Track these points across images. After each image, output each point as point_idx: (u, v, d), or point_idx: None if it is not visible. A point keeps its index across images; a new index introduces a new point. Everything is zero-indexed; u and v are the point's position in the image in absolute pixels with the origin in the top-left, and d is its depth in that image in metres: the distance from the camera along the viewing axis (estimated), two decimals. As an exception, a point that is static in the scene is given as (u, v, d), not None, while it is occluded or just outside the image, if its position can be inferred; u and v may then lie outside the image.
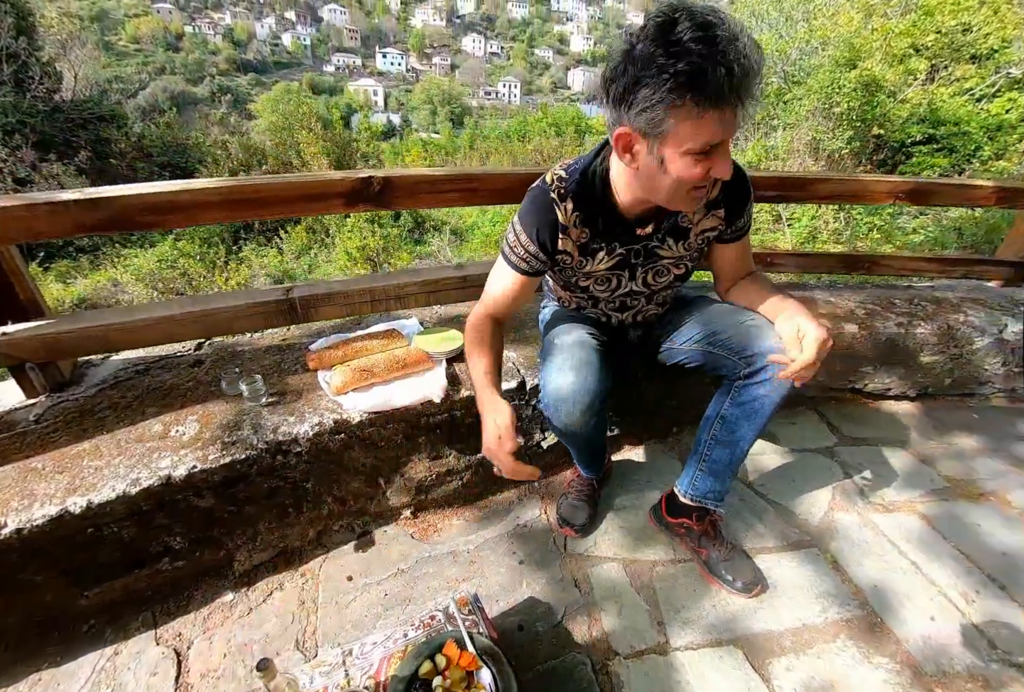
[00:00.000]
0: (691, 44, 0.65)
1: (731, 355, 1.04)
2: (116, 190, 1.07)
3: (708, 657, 1.02)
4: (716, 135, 0.74)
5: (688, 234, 1.03)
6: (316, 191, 1.17)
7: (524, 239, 1.00)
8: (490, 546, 1.26)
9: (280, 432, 1.10)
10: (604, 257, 1.03)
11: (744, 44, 0.68)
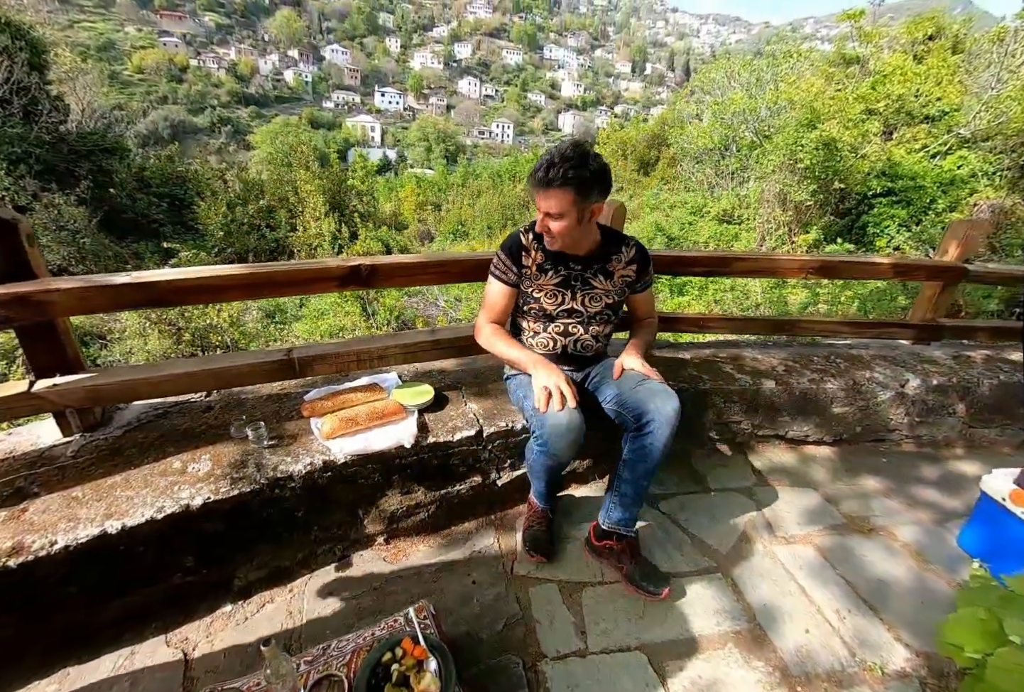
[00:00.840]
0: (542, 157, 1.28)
1: (627, 413, 1.36)
2: (157, 275, 1.35)
3: (618, 659, 1.26)
4: (539, 210, 1.32)
5: (613, 276, 1.50)
6: (316, 276, 1.47)
7: (503, 257, 1.47)
8: (449, 568, 1.50)
9: (279, 470, 1.35)
10: (552, 275, 1.47)
11: (554, 162, 1.23)
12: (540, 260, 1.46)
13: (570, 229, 1.33)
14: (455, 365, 2.02)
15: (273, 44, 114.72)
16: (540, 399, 1.30)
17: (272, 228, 11.68)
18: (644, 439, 1.34)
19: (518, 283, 1.50)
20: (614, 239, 1.52)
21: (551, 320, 1.52)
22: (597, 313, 1.52)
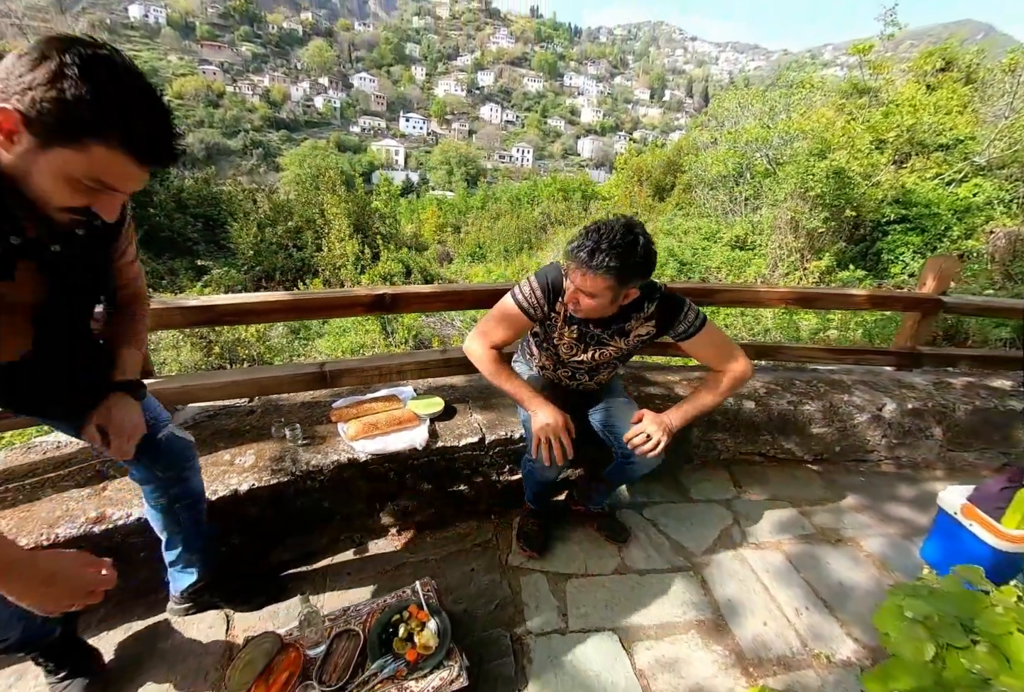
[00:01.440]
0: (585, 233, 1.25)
1: (616, 441, 1.57)
2: (219, 299, 1.65)
3: (593, 638, 1.46)
4: (573, 283, 1.28)
5: (628, 335, 1.49)
6: (348, 303, 1.75)
7: (539, 293, 1.42)
8: (451, 557, 1.71)
9: (311, 464, 1.60)
10: (576, 329, 1.48)
11: (602, 249, 1.20)
12: (566, 315, 1.45)
13: (600, 309, 1.32)
14: (463, 381, 2.27)
15: (305, 72, 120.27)
16: (534, 447, 1.37)
17: (299, 248, 12.31)
18: (628, 469, 1.61)
19: (541, 321, 1.49)
20: (639, 300, 1.41)
21: (562, 365, 1.60)
22: (604, 363, 1.58)
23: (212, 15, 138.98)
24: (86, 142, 0.68)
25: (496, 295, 1.81)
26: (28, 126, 0.67)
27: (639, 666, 1.39)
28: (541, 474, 1.60)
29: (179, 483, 1.23)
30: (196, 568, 1.34)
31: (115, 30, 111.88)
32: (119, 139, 0.70)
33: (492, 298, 1.88)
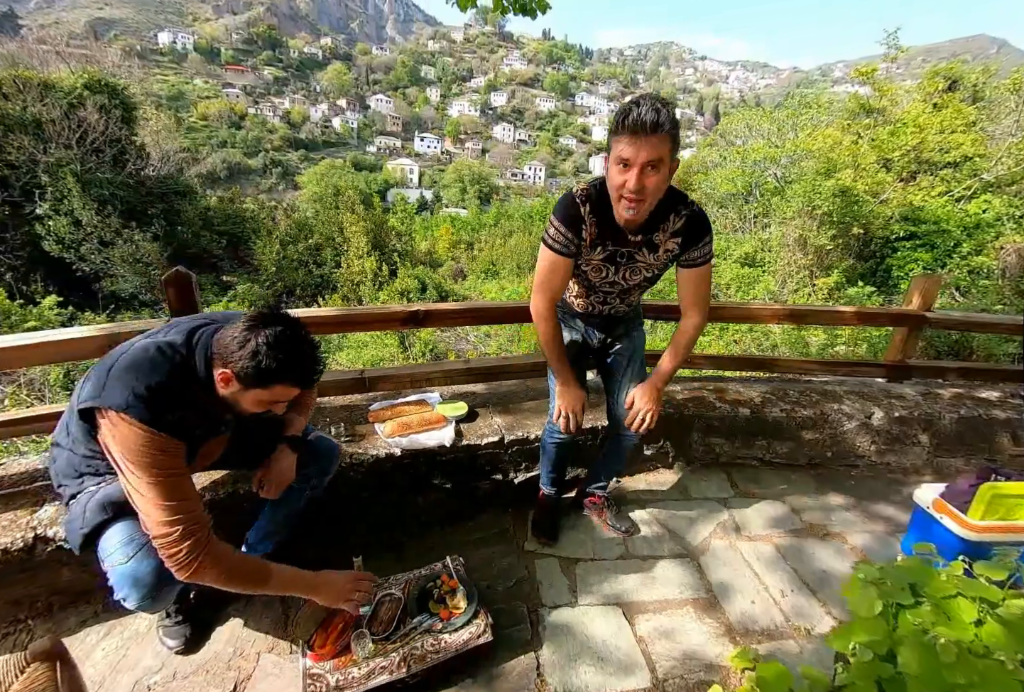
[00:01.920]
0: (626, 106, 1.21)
1: (612, 419, 1.81)
2: (279, 314, 1.92)
3: (599, 610, 1.67)
4: (625, 152, 1.20)
5: (657, 249, 1.47)
6: (386, 318, 2.03)
7: (563, 229, 1.40)
8: (474, 544, 1.94)
9: (354, 457, 1.85)
10: (600, 251, 1.46)
11: (652, 107, 1.16)
12: (594, 235, 1.42)
13: (663, 184, 1.27)
14: (483, 389, 2.52)
15: (324, 94, 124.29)
16: (556, 415, 1.62)
17: (319, 265, 12.83)
18: (621, 440, 1.88)
19: (579, 254, 1.47)
20: (665, 207, 1.39)
21: (593, 290, 1.61)
22: (635, 285, 1.57)
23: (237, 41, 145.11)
24: (271, 385, 1.14)
25: (514, 312, 2.09)
26: (237, 380, 1.13)
27: (639, 634, 1.60)
28: (558, 436, 1.83)
29: (321, 476, 1.53)
30: (271, 542, 1.59)
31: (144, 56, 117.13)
32: (291, 381, 1.16)
33: (511, 315, 2.16)
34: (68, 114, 12.13)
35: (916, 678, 1.12)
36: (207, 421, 1.23)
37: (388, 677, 1.25)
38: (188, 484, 1.14)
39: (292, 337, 1.13)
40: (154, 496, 1.06)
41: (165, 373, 1.10)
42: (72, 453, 1.26)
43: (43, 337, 1.64)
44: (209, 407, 1.19)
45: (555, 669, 1.45)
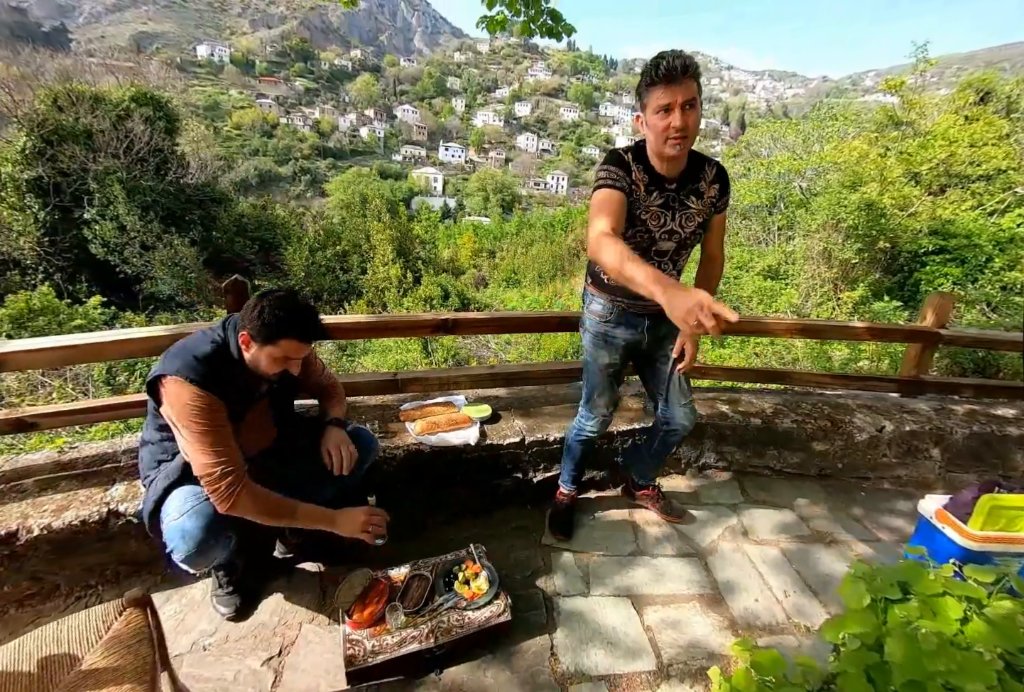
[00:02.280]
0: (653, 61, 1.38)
1: (662, 412, 1.95)
2: (326, 319, 2.11)
3: (610, 601, 1.79)
4: (664, 99, 1.36)
5: (703, 196, 1.60)
6: (417, 325, 2.20)
7: (612, 168, 1.51)
8: (495, 536, 2.08)
9: (386, 452, 2.02)
10: (657, 196, 1.55)
11: (676, 56, 1.35)
12: (645, 181, 1.53)
13: (699, 121, 1.42)
14: (506, 393, 2.68)
15: (352, 104, 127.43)
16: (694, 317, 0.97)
17: (345, 271, 13.23)
18: (669, 437, 1.99)
19: (629, 192, 1.52)
20: (697, 159, 1.59)
21: (653, 243, 1.62)
22: (691, 234, 1.64)
23: (271, 53, 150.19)
24: (278, 340, 1.37)
25: (538, 322, 2.24)
26: (252, 339, 1.38)
27: (647, 623, 1.72)
28: (586, 433, 1.98)
29: (360, 464, 1.70)
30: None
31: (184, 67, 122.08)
32: (295, 335, 1.39)
33: (534, 324, 2.32)
34: (116, 125, 12.84)
35: (900, 666, 1.24)
36: (242, 387, 1.47)
37: (417, 646, 1.40)
38: (228, 436, 1.36)
39: (291, 300, 1.40)
40: (200, 444, 1.30)
41: (208, 348, 1.38)
42: (152, 445, 1.47)
43: (122, 335, 1.86)
44: (243, 376, 1.45)
45: (568, 650, 1.58)
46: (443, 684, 1.44)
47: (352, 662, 1.34)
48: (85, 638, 0.98)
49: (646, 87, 1.41)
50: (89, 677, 0.91)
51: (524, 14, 4.20)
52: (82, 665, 0.94)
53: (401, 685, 1.42)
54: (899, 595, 1.40)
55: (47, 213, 11.62)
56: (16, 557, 1.60)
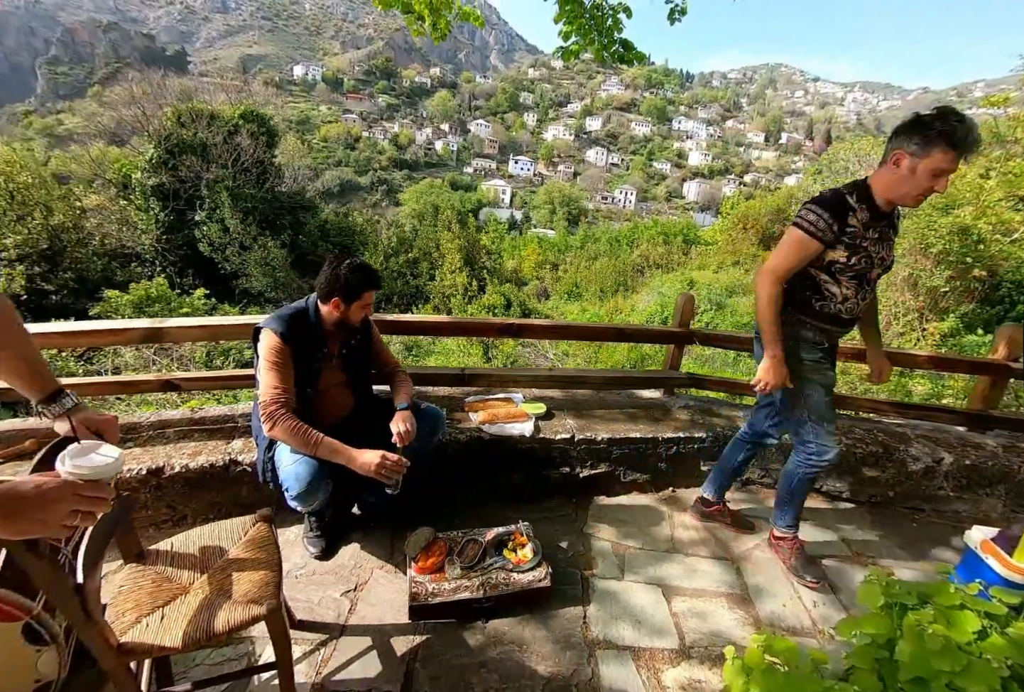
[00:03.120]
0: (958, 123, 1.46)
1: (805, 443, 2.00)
2: (406, 317, 2.45)
3: (641, 587, 1.97)
4: (951, 165, 1.50)
5: (896, 229, 1.78)
6: (487, 326, 2.49)
7: (826, 216, 1.62)
8: (541, 521, 2.29)
9: (452, 435, 2.31)
10: (874, 231, 1.68)
11: (973, 127, 1.46)
12: (865, 219, 1.65)
13: None
14: (560, 395, 2.91)
15: (429, 119, 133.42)
16: (757, 383, 1.81)
17: (415, 276, 14.06)
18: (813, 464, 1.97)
19: (833, 244, 1.64)
20: None
21: (870, 270, 1.73)
22: (892, 262, 1.79)
23: (358, 72, 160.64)
24: (362, 294, 1.82)
25: (596, 332, 2.46)
26: (343, 301, 1.79)
27: (674, 610, 1.88)
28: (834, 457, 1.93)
29: (431, 436, 2.01)
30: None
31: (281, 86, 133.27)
32: (371, 287, 1.83)
33: (593, 334, 2.54)
34: (227, 139, 14.43)
35: (906, 663, 1.36)
36: (317, 342, 1.87)
37: (468, 594, 1.65)
38: (289, 378, 1.72)
39: (356, 262, 1.81)
40: (267, 377, 1.69)
41: (292, 310, 1.83)
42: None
43: (242, 320, 2.28)
44: (319, 333, 1.86)
45: (599, 622, 1.78)
46: (487, 631, 1.68)
47: (415, 598, 1.61)
48: (229, 537, 1.32)
49: (940, 145, 1.46)
50: (234, 563, 1.23)
51: (597, 42, 4.48)
52: (228, 555, 1.27)
53: (451, 627, 1.68)
54: (916, 602, 1.50)
55: (165, 215, 13.23)
56: (160, 487, 2.03)
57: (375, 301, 1.97)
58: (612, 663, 1.62)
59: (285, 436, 1.64)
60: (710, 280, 15.61)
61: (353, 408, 2.02)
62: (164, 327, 2.14)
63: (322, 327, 1.85)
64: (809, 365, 1.86)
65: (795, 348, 1.85)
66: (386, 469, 1.63)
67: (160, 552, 1.25)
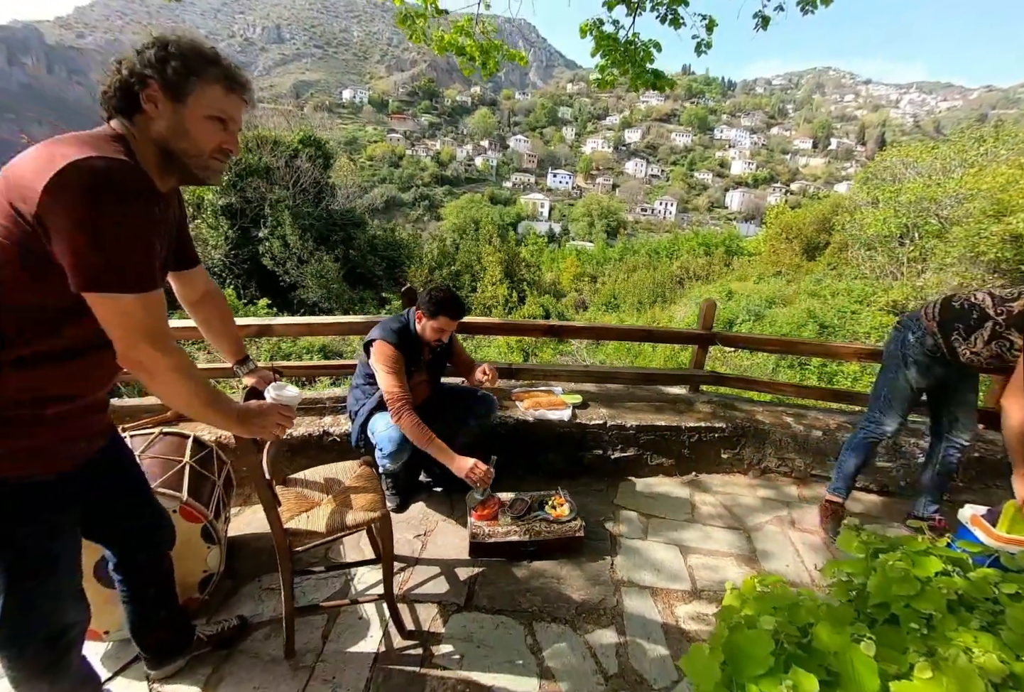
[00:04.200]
0: None
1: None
2: (471, 319, 2.92)
3: (661, 546, 2.32)
4: None
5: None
6: (531, 327, 2.93)
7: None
8: (579, 494, 2.66)
9: (502, 418, 2.75)
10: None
11: None
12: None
13: None
14: (595, 388, 3.30)
15: (469, 136, 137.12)
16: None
17: (458, 288, 14.78)
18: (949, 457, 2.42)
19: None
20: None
21: None
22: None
23: (402, 93, 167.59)
24: (438, 316, 2.20)
25: (625, 333, 2.86)
26: (424, 315, 2.22)
27: (689, 564, 2.23)
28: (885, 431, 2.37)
29: (487, 416, 2.48)
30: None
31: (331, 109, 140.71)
32: (447, 314, 2.20)
33: (623, 335, 2.93)
34: (288, 163, 15.70)
35: (872, 591, 1.70)
36: (415, 351, 2.27)
37: (517, 538, 2.07)
38: (404, 379, 2.14)
39: (447, 291, 2.25)
40: (389, 379, 2.09)
41: (398, 325, 2.23)
42: (357, 389, 2.34)
43: (335, 319, 2.82)
44: (416, 345, 2.27)
45: (624, 568, 2.16)
46: (531, 569, 2.09)
47: (475, 537, 2.05)
48: (344, 473, 1.81)
49: None
50: (350, 489, 1.71)
51: (631, 72, 4.92)
52: (345, 484, 1.75)
53: (502, 565, 2.10)
54: (887, 547, 1.82)
55: (233, 232, 14.52)
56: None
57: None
58: (634, 597, 2.00)
59: (407, 429, 2.04)
60: (749, 291, 15.52)
61: (428, 397, 2.49)
62: (272, 324, 2.70)
63: (419, 339, 2.26)
64: (915, 367, 2.22)
65: (909, 350, 2.22)
66: (474, 475, 2.00)
67: (298, 479, 1.75)
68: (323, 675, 1.56)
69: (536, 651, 1.70)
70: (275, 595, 1.83)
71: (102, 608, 1.52)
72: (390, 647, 1.67)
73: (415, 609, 1.85)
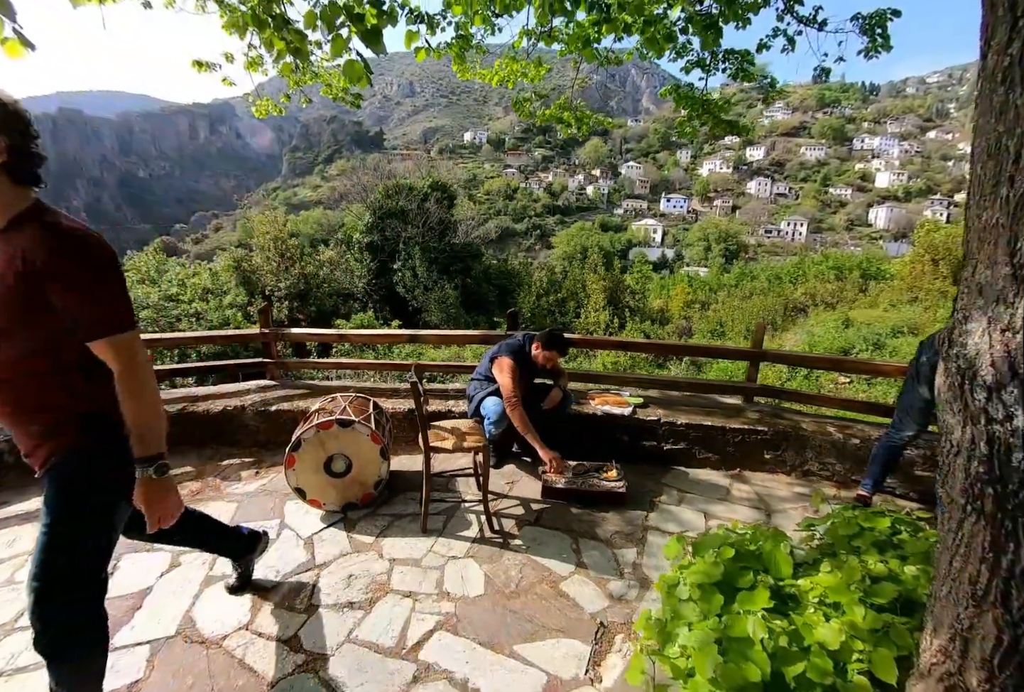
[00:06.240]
0: None
1: None
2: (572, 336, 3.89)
3: (690, 511, 3.01)
4: None
5: None
6: (616, 344, 3.80)
7: None
8: (632, 473, 3.42)
9: (579, 412, 3.64)
10: None
11: None
12: None
13: None
14: (656, 393, 4.04)
15: (581, 166, 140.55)
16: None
17: (562, 314, 15.99)
18: None
19: None
20: None
21: None
22: None
23: (517, 131, 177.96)
24: (551, 349, 3.31)
25: (685, 350, 3.61)
26: (542, 346, 3.31)
27: (709, 525, 2.89)
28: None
29: (567, 407, 3.46)
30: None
31: (454, 150, 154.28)
32: (555, 349, 3.29)
33: (682, 351, 3.69)
34: (419, 205, 18.34)
35: (829, 534, 2.34)
36: (528, 368, 3.23)
37: (576, 487, 2.94)
38: (517, 383, 3.09)
39: (559, 333, 3.23)
40: (505, 381, 3.08)
41: (517, 345, 3.24)
42: (477, 382, 3.40)
43: (453, 332, 3.96)
44: (526, 364, 3.21)
45: (655, 521, 2.90)
46: (584, 510, 2.93)
47: (546, 484, 2.96)
48: (463, 425, 2.85)
49: None
50: (466, 433, 2.74)
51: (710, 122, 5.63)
52: (463, 430, 2.78)
53: (564, 506, 2.96)
54: (852, 514, 2.41)
55: (374, 264, 17.28)
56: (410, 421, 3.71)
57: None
58: (657, 536, 2.75)
59: (516, 419, 2.99)
60: (872, 318, 14.35)
61: (528, 393, 3.48)
62: (419, 334, 3.91)
63: (530, 358, 3.26)
64: (928, 379, 2.62)
65: (924, 366, 2.69)
66: (550, 466, 2.96)
67: (437, 425, 2.83)
68: (442, 541, 2.60)
69: (576, 551, 2.56)
70: (415, 502, 2.91)
71: (325, 489, 2.71)
72: (483, 535, 2.66)
73: (500, 521, 2.81)
